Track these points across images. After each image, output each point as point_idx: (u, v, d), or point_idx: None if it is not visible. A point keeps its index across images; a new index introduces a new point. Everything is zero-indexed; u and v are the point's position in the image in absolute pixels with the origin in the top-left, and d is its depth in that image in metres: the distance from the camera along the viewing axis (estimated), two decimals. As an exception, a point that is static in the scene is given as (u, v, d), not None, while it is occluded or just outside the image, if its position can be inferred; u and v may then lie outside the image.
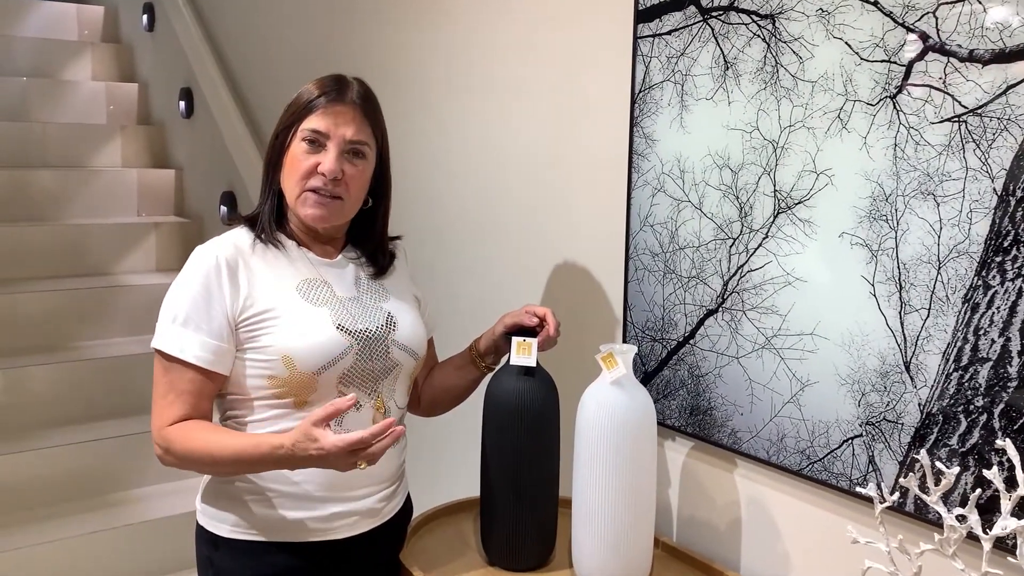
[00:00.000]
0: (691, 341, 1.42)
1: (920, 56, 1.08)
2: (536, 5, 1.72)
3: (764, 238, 1.29)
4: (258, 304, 1.29)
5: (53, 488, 2.54)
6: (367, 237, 1.43)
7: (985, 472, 0.91)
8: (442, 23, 2.01)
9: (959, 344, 1.06)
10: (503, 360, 1.43)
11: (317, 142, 1.30)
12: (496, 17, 1.83)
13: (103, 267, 3.29)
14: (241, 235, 1.35)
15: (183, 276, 1.30)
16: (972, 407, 1.05)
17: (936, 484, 0.93)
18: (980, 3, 1.01)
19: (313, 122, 1.30)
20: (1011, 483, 0.89)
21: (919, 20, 1.07)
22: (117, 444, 2.63)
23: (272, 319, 1.28)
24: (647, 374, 1.51)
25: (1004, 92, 1.00)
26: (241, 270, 1.30)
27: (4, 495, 2.46)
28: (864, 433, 1.18)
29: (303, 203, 1.31)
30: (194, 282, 1.28)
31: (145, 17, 3.86)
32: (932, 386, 1.09)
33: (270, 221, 1.35)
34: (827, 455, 1.22)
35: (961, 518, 0.92)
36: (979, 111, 1.02)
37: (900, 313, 1.12)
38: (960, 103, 1.04)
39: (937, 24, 1.06)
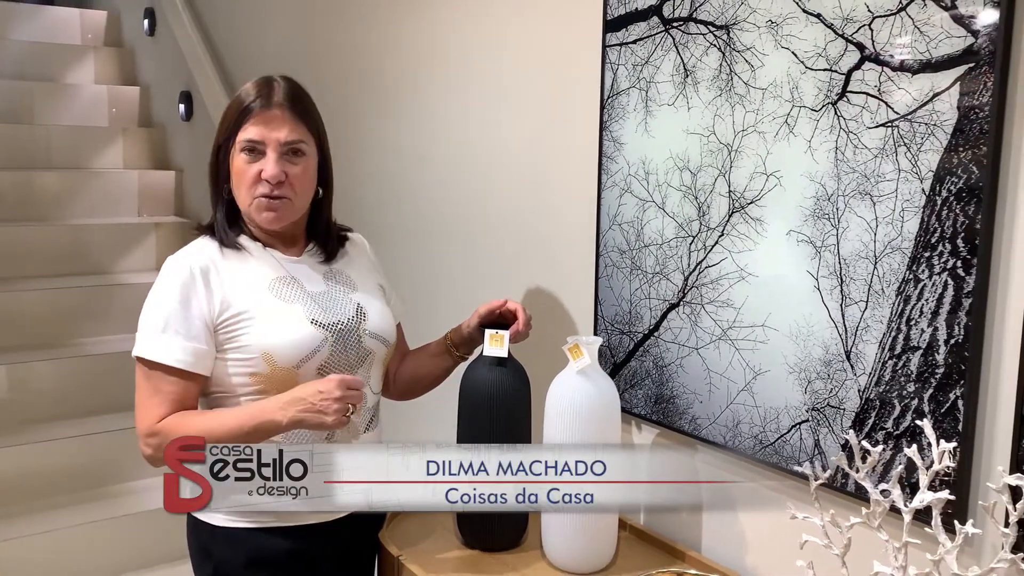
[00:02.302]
0: (655, 333, 1.50)
1: (857, 65, 1.16)
2: (513, 14, 1.80)
3: (720, 236, 1.36)
4: (234, 306, 1.36)
5: (54, 480, 2.62)
6: (315, 225, 1.49)
7: (905, 450, 0.98)
8: (428, 25, 2.09)
9: (893, 334, 1.14)
10: (477, 350, 1.51)
11: (255, 150, 1.36)
12: (475, 21, 1.91)
13: (104, 266, 3.38)
14: (207, 243, 1.42)
15: (159, 286, 1.36)
16: (905, 392, 1.13)
17: (863, 462, 1.01)
18: (909, 17, 1.09)
19: (248, 132, 1.36)
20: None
21: (856, 32, 1.15)
22: (117, 437, 2.70)
23: (248, 319, 1.35)
24: (616, 365, 1.58)
25: (931, 99, 1.08)
26: (213, 275, 1.37)
27: (7, 486, 2.54)
28: (810, 418, 1.25)
29: (256, 210, 1.38)
30: (170, 290, 1.35)
31: (146, 22, 3.94)
32: (870, 373, 1.17)
33: (226, 229, 1.42)
34: (778, 439, 1.30)
35: (885, 493, 0.99)
36: (909, 117, 1.10)
37: (841, 305, 1.20)
38: (893, 109, 1.12)
39: (872, 36, 1.13)
